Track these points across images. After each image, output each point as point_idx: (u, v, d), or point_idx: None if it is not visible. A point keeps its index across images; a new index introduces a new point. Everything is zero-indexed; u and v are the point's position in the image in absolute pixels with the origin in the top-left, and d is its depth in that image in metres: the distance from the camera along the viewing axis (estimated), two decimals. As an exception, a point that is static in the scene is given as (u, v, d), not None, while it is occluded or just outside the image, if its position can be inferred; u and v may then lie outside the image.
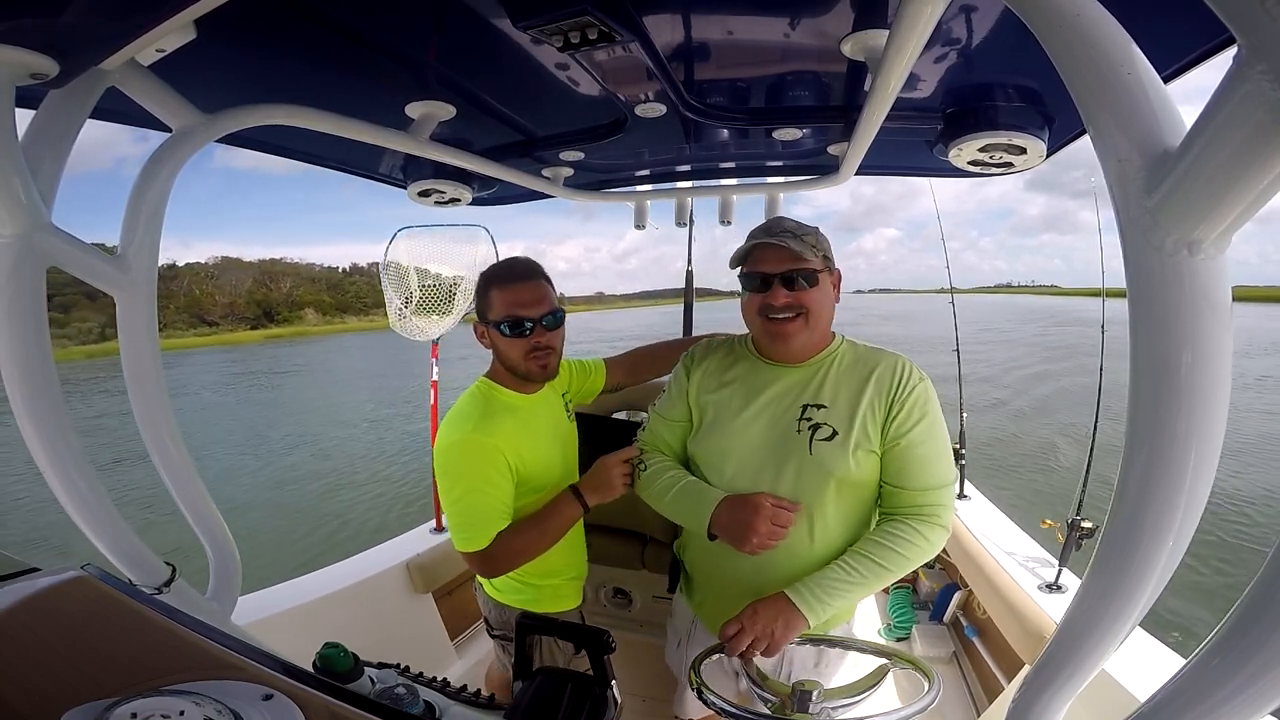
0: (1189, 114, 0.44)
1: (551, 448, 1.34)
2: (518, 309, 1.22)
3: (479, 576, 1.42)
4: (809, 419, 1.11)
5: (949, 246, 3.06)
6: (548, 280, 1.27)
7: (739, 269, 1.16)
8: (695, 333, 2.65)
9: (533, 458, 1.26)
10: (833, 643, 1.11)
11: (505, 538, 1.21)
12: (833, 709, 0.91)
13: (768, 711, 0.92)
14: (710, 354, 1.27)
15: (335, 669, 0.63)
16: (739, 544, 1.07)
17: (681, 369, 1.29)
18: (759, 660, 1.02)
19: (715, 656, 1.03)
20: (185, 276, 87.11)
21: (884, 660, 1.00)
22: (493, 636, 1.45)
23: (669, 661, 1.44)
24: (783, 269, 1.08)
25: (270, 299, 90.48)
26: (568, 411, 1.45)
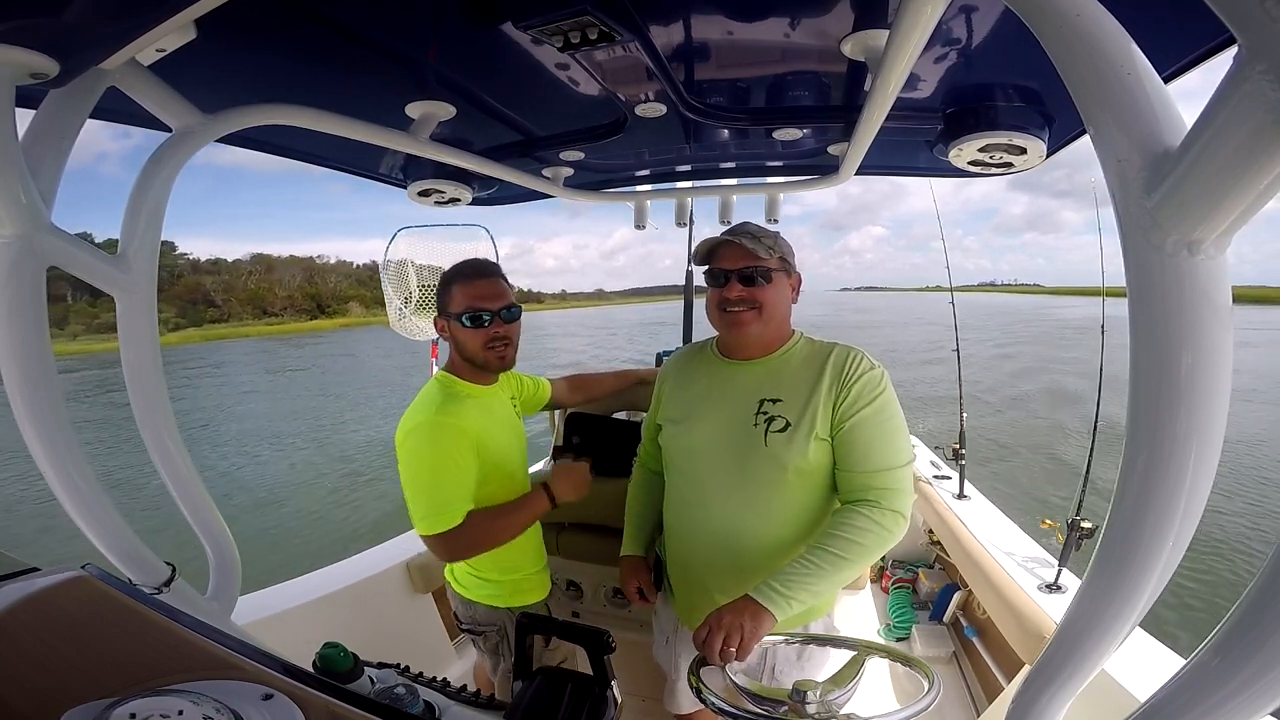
0: (1189, 114, 0.44)
1: (509, 437, 1.41)
2: (477, 302, 1.29)
3: (449, 574, 1.48)
4: (765, 413, 1.16)
5: (935, 245, 3.08)
6: (505, 279, 1.37)
7: (704, 268, 1.22)
8: (695, 331, 2.66)
9: (494, 443, 1.32)
10: (833, 643, 1.11)
11: (477, 518, 1.25)
12: (833, 701, 0.91)
13: (767, 713, 0.92)
14: (678, 361, 1.37)
15: (335, 669, 0.63)
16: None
17: (659, 379, 1.39)
18: (738, 665, 1.02)
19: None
20: (225, 272, 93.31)
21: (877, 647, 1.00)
22: (462, 630, 1.49)
23: (657, 657, 1.46)
24: (740, 265, 1.15)
25: (320, 293, 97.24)
26: (516, 413, 1.52)
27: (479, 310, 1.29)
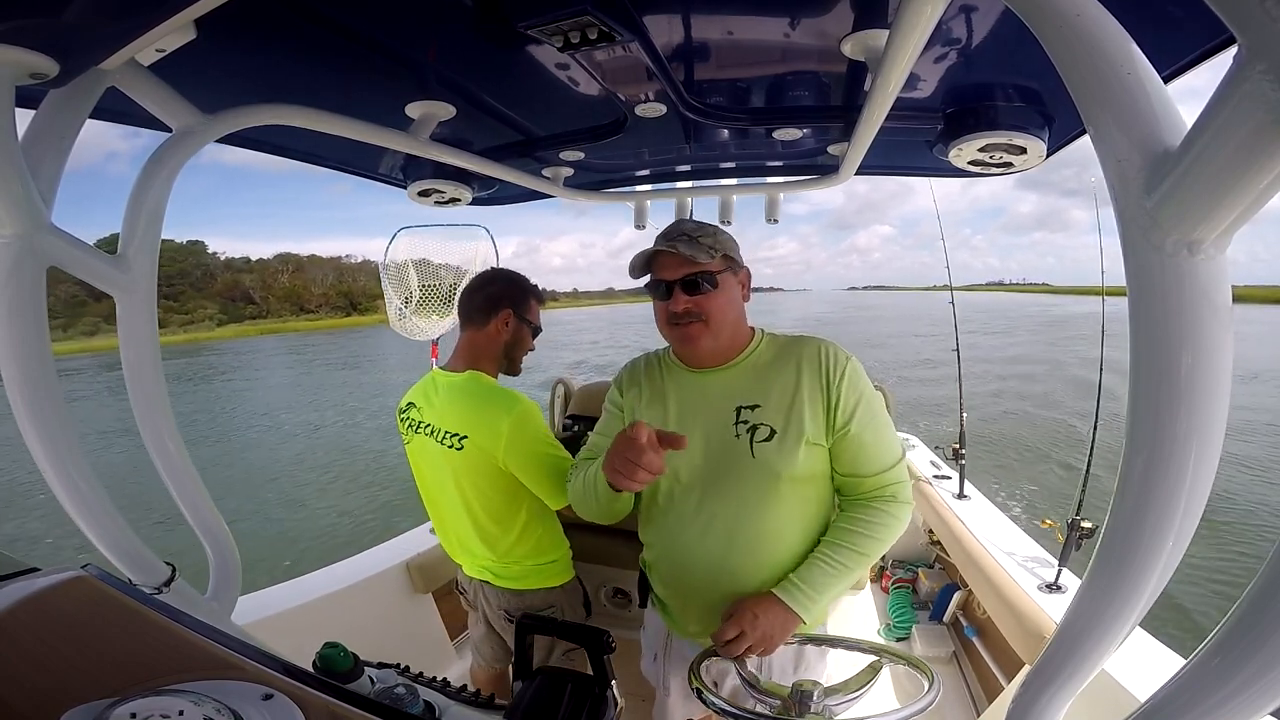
0: (1189, 114, 0.44)
1: None
2: (540, 321, 1.53)
3: (485, 574, 1.48)
4: (745, 421, 1.09)
5: (943, 244, 3.07)
6: None
7: (644, 280, 1.14)
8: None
9: None
10: (833, 643, 1.11)
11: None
12: (833, 706, 0.91)
13: (768, 713, 0.92)
14: (638, 374, 1.25)
15: (335, 669, 0.63)
16: (609, 478, 1.01)
17: (615, 391, 1.28)
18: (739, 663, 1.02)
19: (712, 658, 1.03)
20: (256, 270, 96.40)
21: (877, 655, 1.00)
22: (511, 622, 1.50)
23: (645, 674, 1.40)
24: (680, 275, 1.07)
25: (352, 291, 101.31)
26: None
27: (540, 328, 1.53)
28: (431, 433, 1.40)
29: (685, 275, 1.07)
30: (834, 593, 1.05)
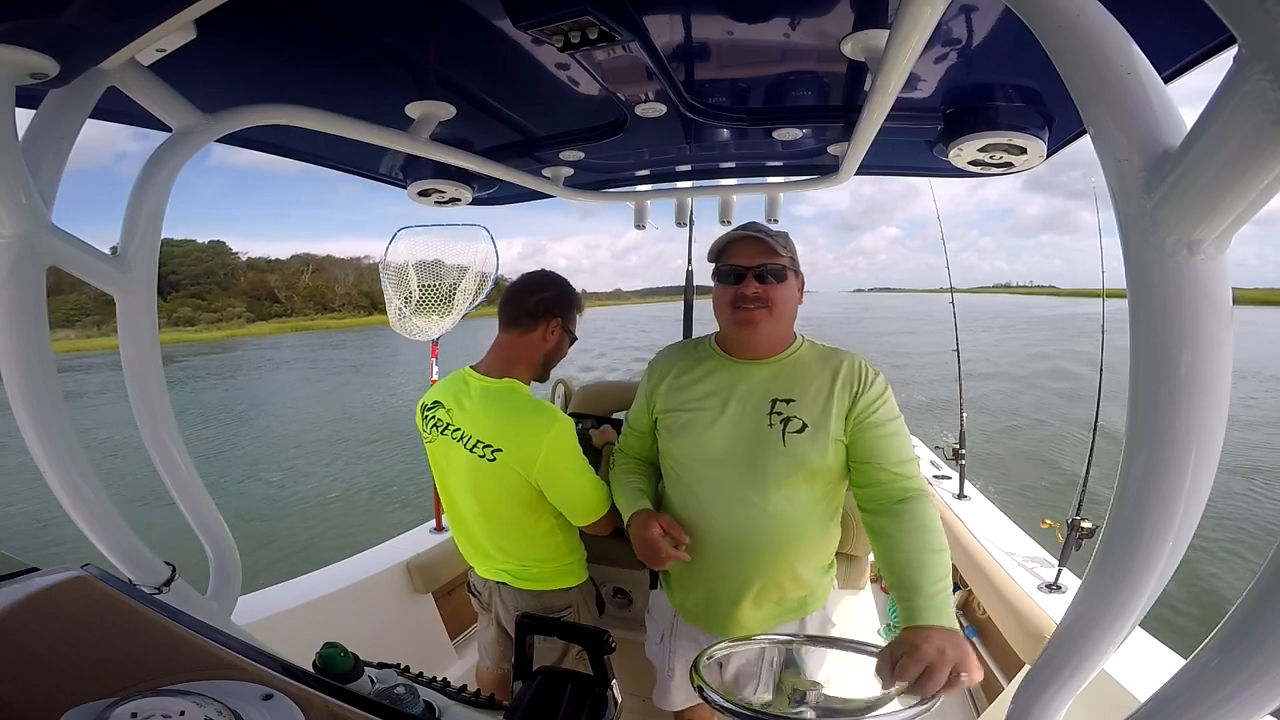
0: (1189, 114, 0.44)
1: None
2: (577, 331, 1.53)
3: (502, 577, 1.46)
4: (779, 413, 1.16)
5: (949, 246, 3.08)
6: None
7: (715, 264, 1.23)
8: (695, 329, 2.66)
9: None
10: (834, 644, 1.11)
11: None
12: (833, 710, 0.90)
13: (767, 710, 0.92)
14: (673, 359, 1.32)
15: (335, 669, 0.63)
16: (644, 562, 1.20)
17: (645, 378, 1.36)
18: (742, 666, 1.09)
19: (718, 655, 1.04)
20: (278, 270, 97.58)
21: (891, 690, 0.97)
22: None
23: (650, 655, 1.46)
24: (756, 263, 1.16)
25: (372, 292, 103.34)
26: None
27: (577, 338, 1.52)
28: (461, 438, 1.35)
29: (760, 264, 1.17)
30: (947, 590, 1.05)
